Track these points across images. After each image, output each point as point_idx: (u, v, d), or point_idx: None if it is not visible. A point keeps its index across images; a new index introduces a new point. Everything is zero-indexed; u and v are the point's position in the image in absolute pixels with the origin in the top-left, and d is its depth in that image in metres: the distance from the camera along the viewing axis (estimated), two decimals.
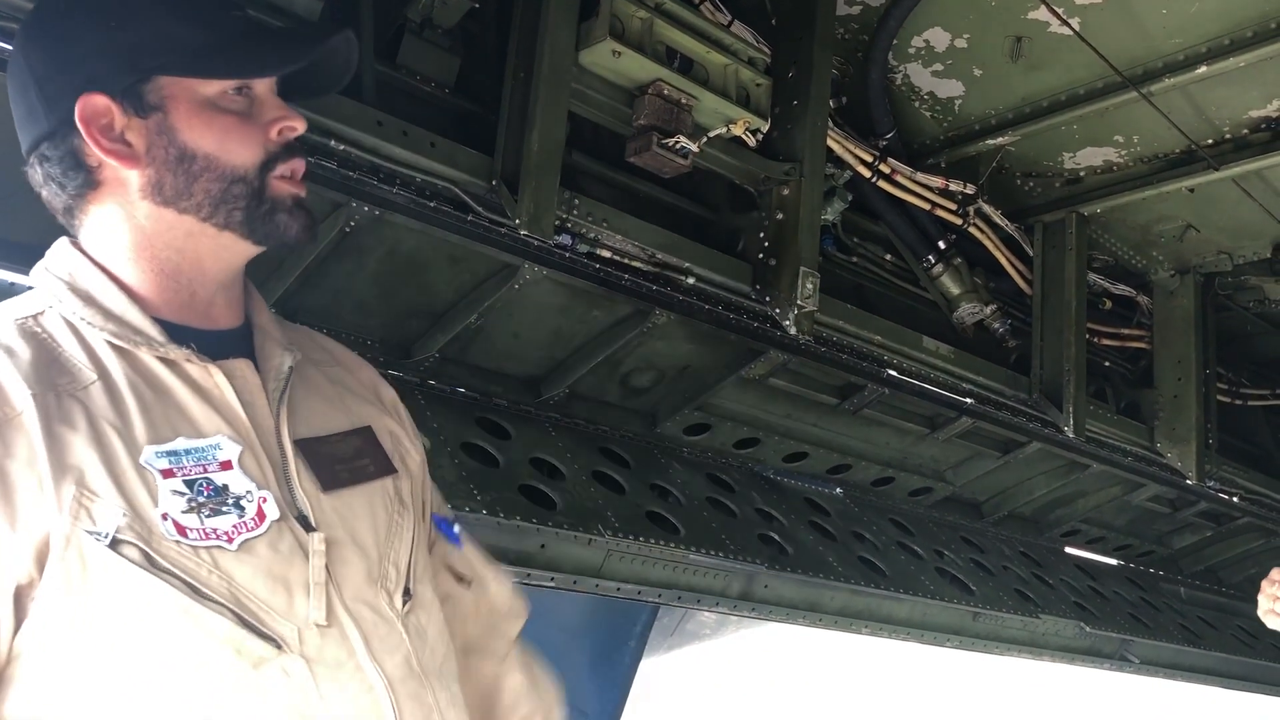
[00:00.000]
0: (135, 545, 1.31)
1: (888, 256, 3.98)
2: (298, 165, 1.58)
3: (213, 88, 1.52)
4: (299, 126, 1.58)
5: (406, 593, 1.55)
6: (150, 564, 1.31)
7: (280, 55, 1.59)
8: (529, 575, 2.84)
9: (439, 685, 1.53)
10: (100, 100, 1.47)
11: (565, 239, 2.74)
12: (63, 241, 1.55)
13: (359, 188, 2.44)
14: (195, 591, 1.32)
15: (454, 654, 1.66)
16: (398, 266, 2.73)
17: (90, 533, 1.29)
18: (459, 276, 2.81)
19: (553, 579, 2.89)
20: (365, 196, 2.45)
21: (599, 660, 6.16)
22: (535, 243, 2.68)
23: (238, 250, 1.58)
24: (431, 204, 2.55)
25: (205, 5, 1.56)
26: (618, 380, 3.36)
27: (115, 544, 1.30)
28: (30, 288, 2.30)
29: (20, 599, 1.30)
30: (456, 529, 1.83)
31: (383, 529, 1.56)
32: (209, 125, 1.50)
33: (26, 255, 2.34)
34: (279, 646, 1.36)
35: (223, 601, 1.33)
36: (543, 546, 2.86)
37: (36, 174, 1.53)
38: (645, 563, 3.07)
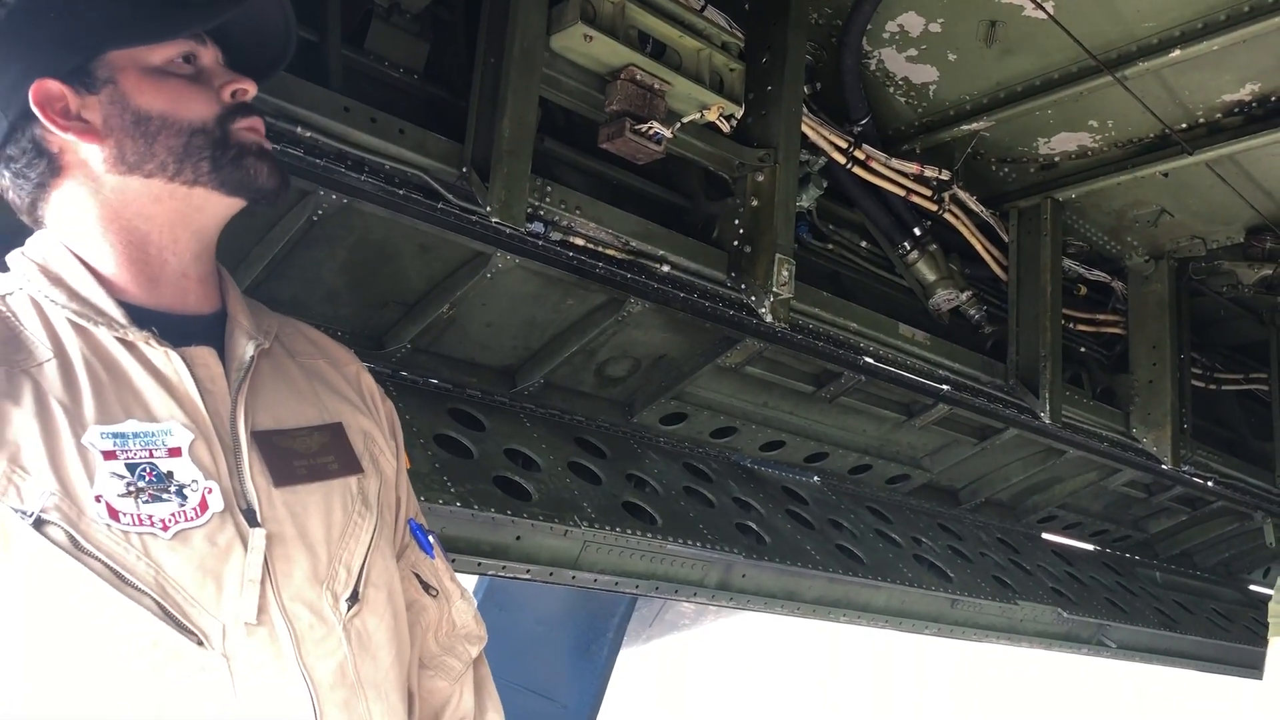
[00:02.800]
0: (61, 527, 1.29)
1: (863, 243, 3.96)
2: (256, 122, 1.59)
3: (158, 55, 1.54)
4: (249, 88, 1.60)
5: (355, 596, 1.51)
6: (75, 546, 1.29)
7: (210, 10, 1.59)
8: (504, 567, 2.82)
9: (374, 696, 1.50)
10: (53, 85, 1.49)
11: (538, 227, 2.71)
12: (41, 231, 1.56)
13: (326, 175, 2.39)
14: (119, 578, 1.30)
15: (401, 664, 1.62)
16: (367, 255, 2.69)
17: (16, 510, 1.28)
18: (430, 265, 2.77)
19: (529, 571, 2.86)
20: (333, 184, 2.40)
21: (577, 652, 6.16)
22: (507, 231, 2.64)
23: (211, 208, 1.57)
24: (401, 191, 2.50)
25: None
26: (593, 370, 3.33)
27: (40, 524, 1.28)
28: None
29: None
30: (431, 539, 1.81)
31: (337, 528, 1.53)
32: (159, 88, 1.53)
33: None
34: (199, 642, 1.33)
35: (147, 590, 1.31)
36: (518, 538, 2.83)
37: (2, 179, 1.55)
38: (622, 553, 3.05)
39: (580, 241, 2.82)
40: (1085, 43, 3.31)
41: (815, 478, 4.12)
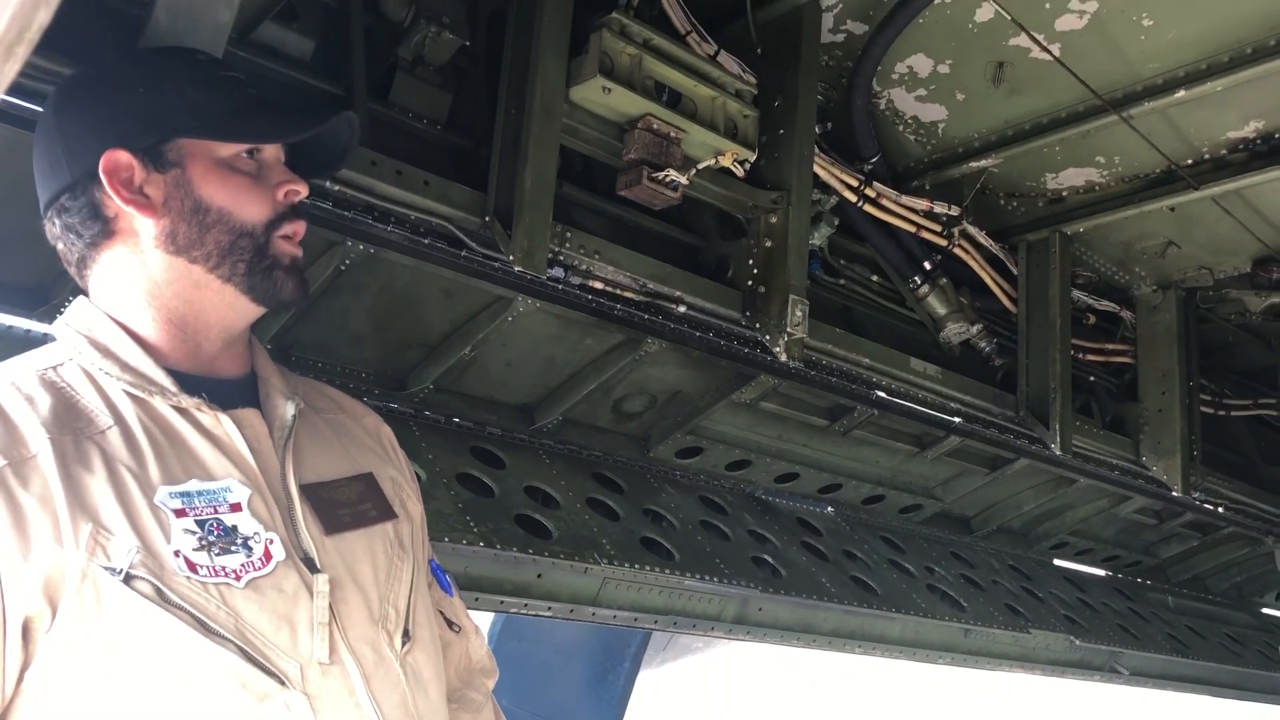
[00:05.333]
0: (148, 580, 1.37)
1: (874, 278, 4.01)
2: (299, 227, 1.70)
3: (228, 150, 1.63)
4: (302, 190, 1.70)
5: (406, 634, 1.61)
6: (162, 598, 1.37)
7: (290, 125, 1.72)
8: (526, 605, 2.87)
9: None
10: (123, 156, 1.58)
11: (558, 272, 2.77)
12: (81, 299, 1.64)
13: (354, 226, 2.46)
14: (204, 626, 1.38)
15: (444, 698, 1.71)
16: (392, 301, 2.75)
17: (106, 568, 1.35)
18: (453, 310, 2.84)
19: (550, 609, 2.92)
20: (360, 235, 2.48)
21: (595, 680, 6.20)
22: (529, 276, 2.71)
23: (239, 308, 1.66)
24: (425, 240, 2.57)
25: (223, 79, 1.69)
26: (610, 406, 3.39)
27: (129, 579, 1.36)
28: (20, 327, 2.38)
29: (29, 635, 1.34)
30: (449, 578, 1.92)
31: (383, 571, 1.63)
32: (223, 183, 1.62)
33: (24, 297, 2.39)
34: (283, 682, 1.41)
35: (230, 637, 1.39)
36: (539, 576, 2.89)
37: (54, 226, 1.64)
38: (641, 589, 3.10)
39: (599, 285, 2.88)
40: (1091, 83, 3.38)
41: (829, 508, 4.16)
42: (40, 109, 1.99)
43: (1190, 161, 3.76)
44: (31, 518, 1.34)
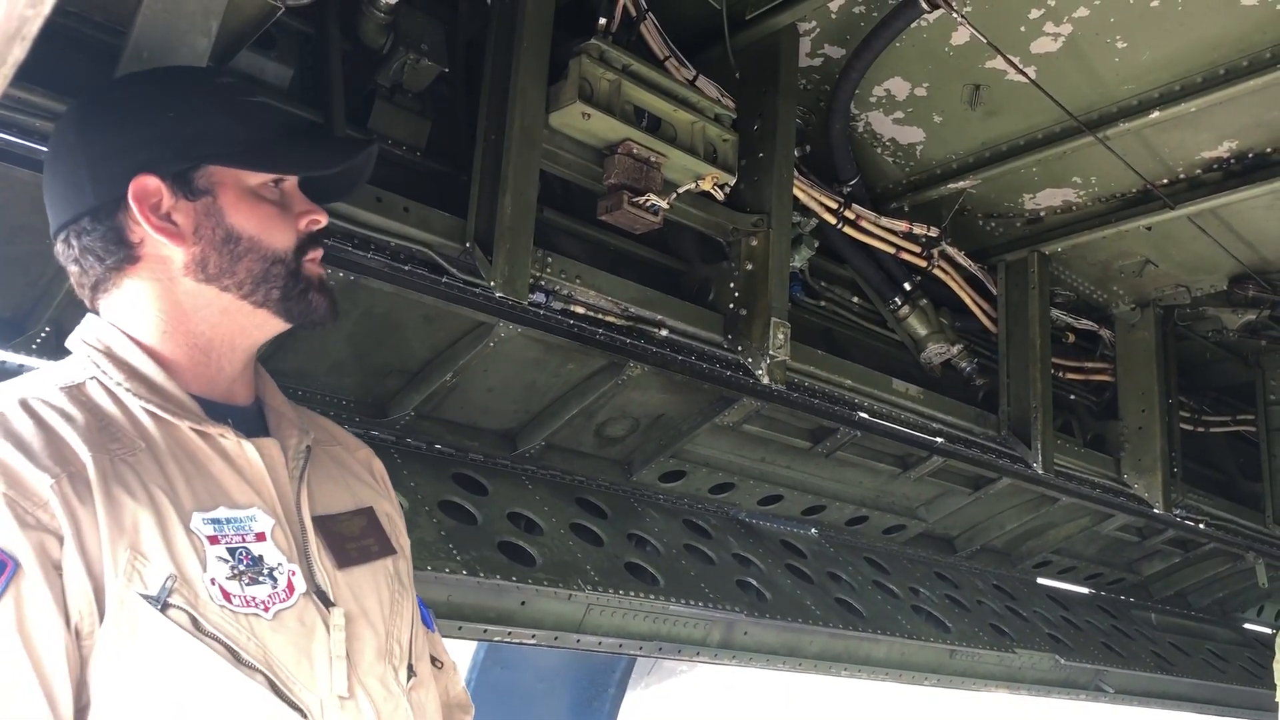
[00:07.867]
0: (184, 610, 1.35)
1: (855, 299, 4.02)
2: (320, 253, 1.71)
3: (256, 179, 1.62)
4: (323, 220, 1.71)
5: (410, 669, 1.62)
6: (197, 628, 1.36)
7: (320, 157, 1.73)
8: (510, 633, 2.85)
9: None
10: (152, 181, 1.55)
11: (539, 297, 2.76)
12: (93, 317, 1.61)
13: (333, 253, 2.44)
14: (235, 657, 1.37)
15: None
16: (372, 328, 2.74)
17: (143, 595, 1.34)
18: (434, 336, 2.83)
19: (534, 636, 2.90)
20: (340, 262, 2.46)
21: (580, 707, 6.16)
22: (510, 301, 2.70)
23: (268, 328, 1.66)
24: (406, 267, 2.56)
25: (254, 106, 1.67)
26: (593, 431, 3.38)
27: (165, 608, 1.34)
28: None
29: (80, 643, 1.32)
30: (429, 613, 1.90)
31: (387, 606, 1.63)
32: (253, 211, 1.61)
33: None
34: (305, 715, 1.41)
35: (260, 668, 1.38)
36: (523, 604, 2.87)
37: (71, 248, 1.59)
38: (626, 615, 3.08)
39: (581, 309, 2.87)
40: (1067, 105, 3.41)
41: (813, 530, 4.16)
42: (10, 138, 1.98)
43: (1166, 181, 3.80)
44: (87, 531, 1.33)
